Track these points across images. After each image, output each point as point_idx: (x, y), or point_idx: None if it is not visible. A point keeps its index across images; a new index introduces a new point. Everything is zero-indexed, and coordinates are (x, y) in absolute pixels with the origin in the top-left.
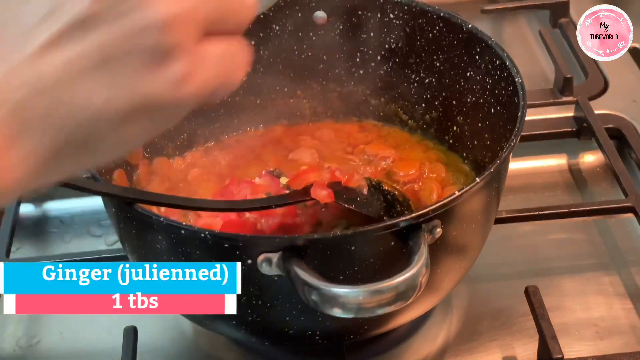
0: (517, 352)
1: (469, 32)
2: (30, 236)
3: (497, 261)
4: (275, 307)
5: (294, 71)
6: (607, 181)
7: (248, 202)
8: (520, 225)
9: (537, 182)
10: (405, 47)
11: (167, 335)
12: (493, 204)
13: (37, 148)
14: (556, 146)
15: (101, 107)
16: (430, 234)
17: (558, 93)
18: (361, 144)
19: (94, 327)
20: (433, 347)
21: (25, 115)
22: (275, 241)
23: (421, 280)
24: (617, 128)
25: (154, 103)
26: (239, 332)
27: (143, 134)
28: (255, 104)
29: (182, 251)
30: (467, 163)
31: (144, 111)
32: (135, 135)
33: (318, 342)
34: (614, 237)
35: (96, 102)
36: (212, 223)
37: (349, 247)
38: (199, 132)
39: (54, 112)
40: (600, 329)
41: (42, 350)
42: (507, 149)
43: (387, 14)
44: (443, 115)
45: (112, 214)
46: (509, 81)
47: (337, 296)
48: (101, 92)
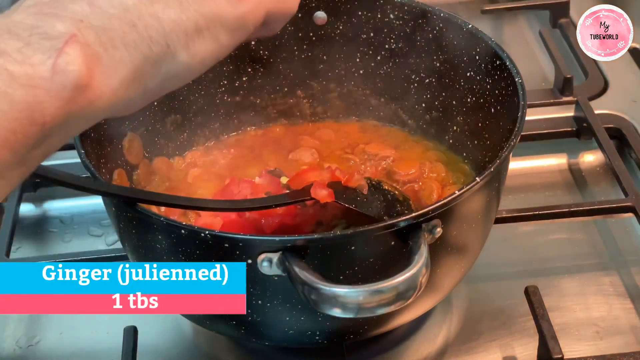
0: (517, 352)
1: (469, 32)
2: (30, 236)
3: (497, 261)
4: (275, 307)
5: (294, 71)
6: (607, 181)
7: (248, 202)
8: (520, 225)
9: (537, 182)
10: (405, 47)
11: (167, 335)
12: (493, 204)
13: (119, 64)
14: (556, 146)
15: (173, 23)
16: (430, 234)
17: (558, 93)
18: (361, 144)
19: (94, 327)
20: (433, 347)
21: (108, 36)
22: (275, 241)
23: (421, 280)
24: (617, 128)
25: (218, 19)
26: (239, 332)
27: (211, 53)
28: (255, 104)
29: (182, 251)
30: (467, 163)
31: (210, 27)
32: (203, 54)
33: (318, 342)
34: (614, 237)
35: (168, 19)
36: (212, 223)
37: (349, 247)
38: (199, 132)
39: (131, 30)
40: (600, 329)
41: (42, 350)
42: (507, 149)
43: (387, 14)
44: (443, 115)
45: (112, 214)
46: (509, 81)
47: (337, 296)
48: (172, 11)
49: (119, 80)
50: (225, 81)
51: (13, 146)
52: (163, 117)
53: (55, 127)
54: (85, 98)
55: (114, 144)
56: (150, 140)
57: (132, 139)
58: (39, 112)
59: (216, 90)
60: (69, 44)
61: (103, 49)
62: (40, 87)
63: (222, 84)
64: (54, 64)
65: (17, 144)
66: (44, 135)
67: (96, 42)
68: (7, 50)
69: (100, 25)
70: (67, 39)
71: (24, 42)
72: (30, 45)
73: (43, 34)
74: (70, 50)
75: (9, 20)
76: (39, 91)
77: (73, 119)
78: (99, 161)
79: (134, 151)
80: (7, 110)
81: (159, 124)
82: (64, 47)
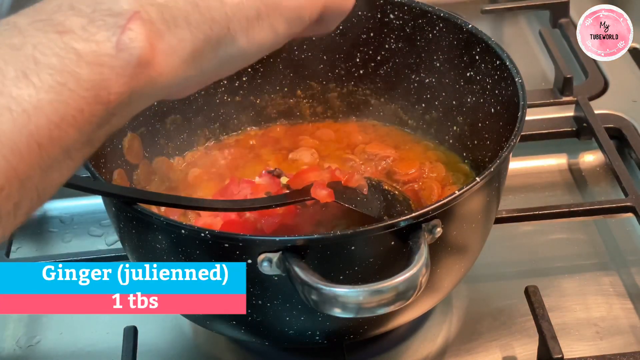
0: (517, 352)
1: (469, 32)
2: (30, 236)
3: (497, 261)
4: (275, 307)
5: (294, 71)
6: (607, 181)
7: (248, 202)
8: (520, 225)
9: (537, 182)
10: (405, 47)
11: (167, 335)
12: (493, 204)
13: (181, 43)
14: (556, 146)
15: (235, 7)
16: (430, 234)
17: (558, 93)
18: (361, 144)
19: (94, 327)
20: (433, 347)
21: (171, 14)
22: (275, 241)
23: (421, 280)
24: (617, 128)
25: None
26: (239, 332)
27: (267, 41)
28: (255, 104)
29: (182, 251)
30: (467, 163)
31: (270, 15)
32: (260, 41)
33: (318, 342)
34: (614, 237)
35: (230, 2)
36: (212, 223)
37: (349, 247)
38: (199, 132)
39: (194, 10)
40: (600, 329)
41: (42, 350)
42: (507, 149)
43: (387, 14)
44: (443, 115)
45: (112, 214)
46: (509, 81)
47: (337, 296)
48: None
49: (179, 59)
50: (225, 81)
51: (80, 125)
52: (163, 117)
53: (119, 105)
54: (147, 75)
55: (114, 144)
56: (150, 140)
57: (132, 139)
58: (105, 90)
59: (216, 90)
60: (132, 20)
61: (165, 27)
62: (106, 65)
63: (222, 84)
64: (118, 40)
65: (84, 123)
66: (108, 114)
67: (159, 19)
68: (72, 27)
69: (163, 3)
70: (130, 16)
71: (88, 19)
72: (94, 22)
73: (106, 10)
74: (134, 26)
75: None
76: (104, 69)
77: (135, 96)
78: (99, 161)
79: (134, 151)
80: (75, 88)
81: (159, 124)
82: (128, 23)
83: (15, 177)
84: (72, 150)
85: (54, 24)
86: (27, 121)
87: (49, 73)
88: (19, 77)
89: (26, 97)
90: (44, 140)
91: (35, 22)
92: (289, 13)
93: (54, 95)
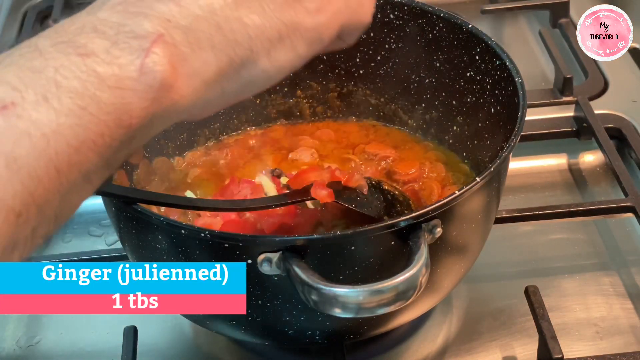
0: (517, 352)
1: (469, 32)
2: None
3: (497, 261)
4: (275, 307)
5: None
6: (607, 181)
7: (248, 202)
8: (520, 225)
9: (537, 182)
10: (405, 47)
11: (167, 335)
12: (493, 204)
13: (204, 66)
14: (556, 146)
15: (257, 29)
16: (430, 234)
17: (558, 93)
18: (361, 144)
19: (94, 327)
20: (433, 347)
21: (195, 37)
22: (275, 241)
23: (421, 280)
24: (617, 128)
25: (298, 28)
26: (239, 332)
27: (289, 61)
28: (255, 104)
29: (182, 251)
30: (467, 163)
31: (291, 36)
32: (282, 62)
33: (318, 342)
34: (614, 237)
35: (252, 24)
36: (212, 223)
37: (349, 247)
38: (199, 132)
39: (218, 33)
40: (600, 329)
41: (42, 350)
42: (507, 149)
43: (387, 14)
44: (443, 115)
45: (112, 214)
46: (509, 81)
47: (337, 296)
48: (256, 17)
49: (202, 82)
50: None
51: (100, 150)
52: None
53: (140, 128)
54: (170, 98)
55: None
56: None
57: None
58: (127, 114)
59: None
60: (157, 43)
61: (190, 50)
62: (128, 88)
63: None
64: (141, 64)
65: (104, 148)
66: (129, 137)
67: (183, 42)
68: (94, 50)
69: (187, 25)
70: (154, 39)
71: (111, 42)
72: (117, 45)
73: (130, 32)
74: (158, 49)
75: (94, 17)
76: (126, 92)
77: (156, 119)
78: None
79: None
80: (96, 113)
81: None
82: (152, 46)
83: (33, 202)
84: (91, 174)
85: (77, 46)
86: (46, 146)
87: (69, 97)
88: (39, 101)
89: (46, 121)
90: (63, 166)
91: (58, 44)
92: (309, 33)
93: (75, 120)
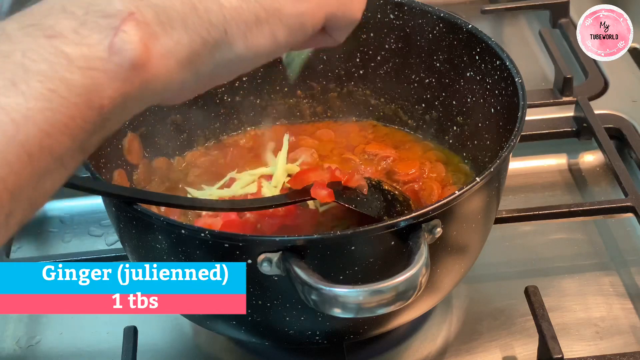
0: (517, 352)
1: (469, 32)
2: (30, 236)
3: (497, 261)
4: (275, 307)
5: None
6: (607, 181)
7: (248, 202)
8: (520, 225)
9: (537, 182)
10: (405, 47)
11: (167, 335)
12: (493, 204)
13: (177, 45)
14: (556, 146)
15: (234, 10)
16: (430, 234)
17: (558, 93)
18: (361, 144)
19: (94, 327)
20: (433, 347)
21: (167, 15)
22: (275, 241)
23: (421, 280)
24: (617, 128)
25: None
26: (239, 332)
27: (266, 47)
28: (255, 104)
29: (182, 251)
30: (467, 163)
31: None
32: (259, 47)
33: (318, 342)
34: (614, 237)
35: (229, 5)
36: (212, 223)
37: (349, 247)
38: (199, 132)
39: (192, 12)
40: (600, 329)
41: (42, 350)
42: (507, 149)
43: (387, 14)
44: (443, 115)
45: (112, 214)
46: (509, 81)
47: (337, 296)
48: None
49: (175, 61)
50: None
51: (73, 133)
52: (163, 117)
53: (113, 110)
54: (142, 78)
55: (113, 144)
56: (150, 140)
57: (132, 139)
58: (97, 96)
59: (216, 90)
60: (127, 22)
61: (161, 29)
62: (98, 69)
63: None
64: (111, 43)
65: (77, 130)
66: (102, 119)
67: (155, 21)
68: (62, 31)
69: (159, 4)
70: (124, 17)
71: (80, 22)
72: (85, 25)
73: (100, 11)
74: (128, 28)
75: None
76: (96, 73)
77: (129, 101)
78: (99, 161)
79: (134, 151)
80: (66, 95)
81: (159, 124)
82: (121, 25)
83: (5, 188)
84: (64, 158)
85: (44, 28)
86: (16, 131)
87: (38, 80)
88: (7, 86)
89: (14, 106)
90: (35, 150)
91: (25, 27)
92: (289, 20)
93: (45, 103)
